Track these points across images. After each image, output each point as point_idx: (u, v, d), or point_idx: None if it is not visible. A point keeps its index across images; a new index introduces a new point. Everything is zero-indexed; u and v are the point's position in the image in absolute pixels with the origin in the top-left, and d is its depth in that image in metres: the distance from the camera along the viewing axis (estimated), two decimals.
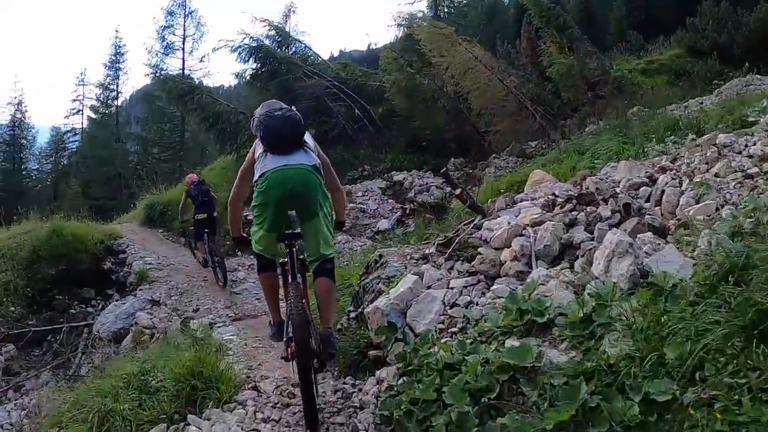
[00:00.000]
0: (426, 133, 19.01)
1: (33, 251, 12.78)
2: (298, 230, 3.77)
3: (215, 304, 9.84)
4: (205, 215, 10.43)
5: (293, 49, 21.83)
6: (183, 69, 36.65)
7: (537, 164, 12.09)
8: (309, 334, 3.56)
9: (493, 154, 16.77)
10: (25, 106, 45.23)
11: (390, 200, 14.00)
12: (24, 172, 45.93)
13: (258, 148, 4.01)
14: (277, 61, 19.76)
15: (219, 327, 8.46)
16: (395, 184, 14.83)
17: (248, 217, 5.07)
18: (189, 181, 11.11)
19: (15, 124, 45.25)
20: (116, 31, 38.53)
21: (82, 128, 47.78)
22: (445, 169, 13.27)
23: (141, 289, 10.98)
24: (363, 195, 14.13)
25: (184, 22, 36.22)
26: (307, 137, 4.08)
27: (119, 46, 43.89)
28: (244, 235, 4.46)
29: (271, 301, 4.37)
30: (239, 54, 20.08)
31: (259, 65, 19.90)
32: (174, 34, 35.95)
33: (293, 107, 4.07)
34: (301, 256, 3.96)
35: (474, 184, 14.25)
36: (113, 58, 44.00)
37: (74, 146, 49.11)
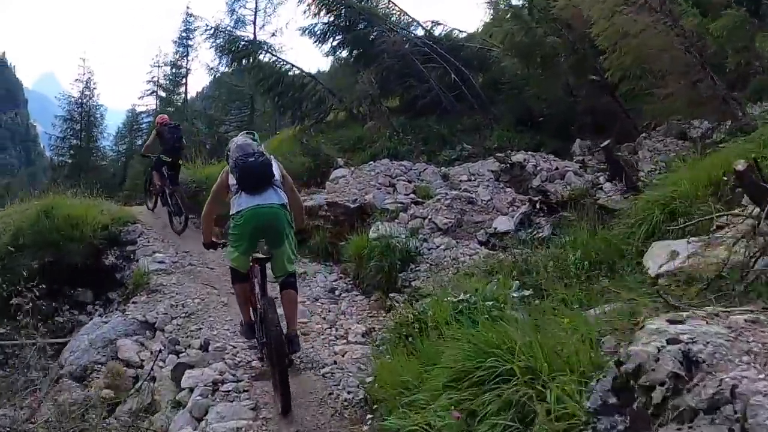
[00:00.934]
0: (544, 105, 14.60)
1: (15, 236, 9.35)
2: (268, 255, 4.82)
3: (235, 338, 5.97)
4: (171, 160, 9.93)
5: (374, 3, 17.72)
6: None
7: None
8: (284, 343, 4.45)
9: (641, 133, 12.24)
10: (95, 83, 43.33)
11: (508, 188, 9.73)
12: (93, 150, 44.43)
13: (231, 179, 4.63)
14: (354, 11, 15.71)
15: (224, 397, 4.54)
16: (513, 167, 10.51)
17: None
18: (161, 120, 10.43)
19: (83, 102, 43.72)
20: (187, 6, 35.54)
21: (155, 109, 46.02)
22: (608, 143, 9.10)
23: (134, 302, 7.23)
24: (469, 180, 9.93)
25: None
26: (274, 165, 4.77)
27: (189, 22, 41.37)
28: (214, 239, 5.20)
29: (243, 307, 5.09)
30: (308, 6, 16.21)
31: (332, 18, 15.92)
32: (245, 8, 32.61)
33: (264, 153, 4.72)
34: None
35: (625, 171, 9.90)
36: (183, 35, 41.53)
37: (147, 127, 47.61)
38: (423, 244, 7.76)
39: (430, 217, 8.40)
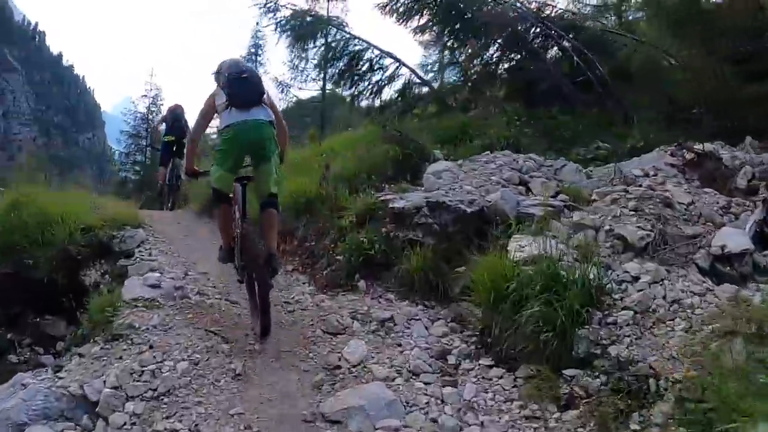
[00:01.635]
0: (696, 95, 10.87)
1: None
2: (251, 174, 4.68)
3: None
4: (173, 137, 10.08)
5: None
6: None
7: None
8: (266, 264, 4.25)
9: None
10: (162, 99, 41.94)
11: (706, 189, 6.12)
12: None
13: (219, 98, 4.53)
14: None
15: None
16: (703, 161, 6.85)
17: None
18: (171, 107, 11.12)
19: (149, 117, 42.44)
20: (256, 23, 33.70)
21: None
22: None
23: (80, 356, 3.96)
24: (646, 175, 6.32)
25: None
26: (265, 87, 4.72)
27: (259, 38, 39.60)
28: (196, 169, 5.09)
29: (224, 230, 4.82)
30: None
31: None
32: None
33: (256, 72, 5.04)
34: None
35: None
36: (252, 50, 39.75)
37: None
38: (607, 272, 4.23)
39: (609, 227, 4.83)
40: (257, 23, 40.30)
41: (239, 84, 4.41)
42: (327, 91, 20.95)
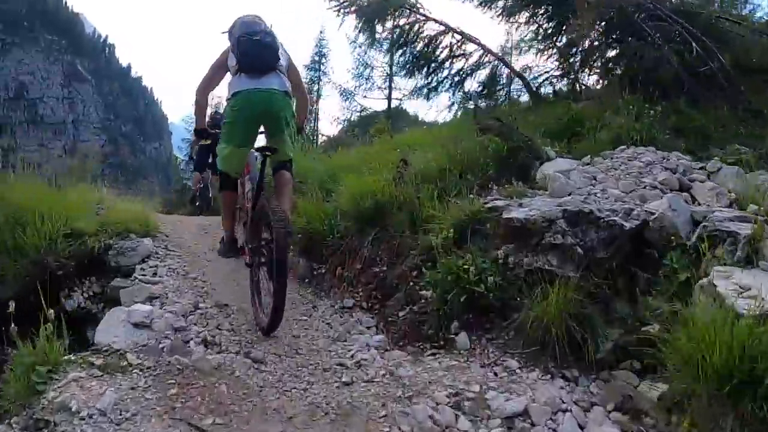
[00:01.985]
0: None
1: None
2: (273, 146, 4.05)
3: None
4: (210, 141, 8.36)
5: None
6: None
7: None
8: (286, 234, 3.60)
9: None
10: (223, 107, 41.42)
11: None
12: None
13: (231, 59, 4.04)
14: None
15: None
16: None
17: None
18: (211, 113, 10.02)
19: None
20: (320, 31, 32.76)
21: None
22: None
23: None
24: None
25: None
26: (281, 51, 4.11)
27: (322, 46, 38.64)
28: (207, 128, 4.67)
29: (228, 219, 4.46)
30: None
31: None
32: None
33: (272, 34, 4.03)
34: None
35: None
36: (315, 58, 38.82)
37: None
38: None
39: None
40: (320, 30, 38.98)
41: (251, 47, 3.88)
42: (393, 101, 19.30)
